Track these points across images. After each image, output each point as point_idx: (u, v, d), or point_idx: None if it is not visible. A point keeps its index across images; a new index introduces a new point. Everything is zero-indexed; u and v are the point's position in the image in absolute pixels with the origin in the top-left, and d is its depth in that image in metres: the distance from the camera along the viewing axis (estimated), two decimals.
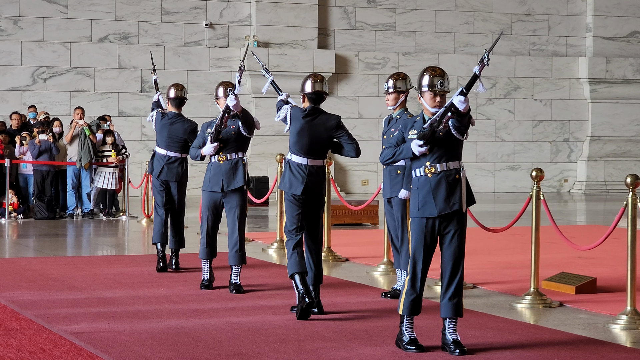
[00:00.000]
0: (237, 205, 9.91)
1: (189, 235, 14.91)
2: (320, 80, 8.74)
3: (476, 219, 10.51)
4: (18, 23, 23.37)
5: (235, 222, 9.89)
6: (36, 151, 18.03)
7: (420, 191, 7.14)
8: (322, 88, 8.74)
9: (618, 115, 27.62)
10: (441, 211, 7.11)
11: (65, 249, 14.32)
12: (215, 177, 9.95)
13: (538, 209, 9.23)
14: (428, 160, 7.13)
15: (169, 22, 24.39)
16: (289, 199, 8.65)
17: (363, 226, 16.90)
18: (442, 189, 7.12)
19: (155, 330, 7.81)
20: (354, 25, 25.80)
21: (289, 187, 8.62)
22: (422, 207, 7.12)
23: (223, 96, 9.99)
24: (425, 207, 7.12)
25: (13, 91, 23.24)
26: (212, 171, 9.96)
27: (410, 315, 7.12)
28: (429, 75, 7.16)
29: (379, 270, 11.28)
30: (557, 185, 27.34)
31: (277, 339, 7.53)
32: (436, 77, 7.15)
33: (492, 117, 26.82)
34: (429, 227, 7.14)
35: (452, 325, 7.11)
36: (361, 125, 25.36)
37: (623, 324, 8.11)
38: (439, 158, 7.12)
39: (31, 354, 6.92)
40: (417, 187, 7.17)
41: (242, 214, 9.94)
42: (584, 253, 12.48)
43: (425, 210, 7.12)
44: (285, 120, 8.73)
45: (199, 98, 24.02)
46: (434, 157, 7.12)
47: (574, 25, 27.43)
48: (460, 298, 7.15)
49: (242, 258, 9.89)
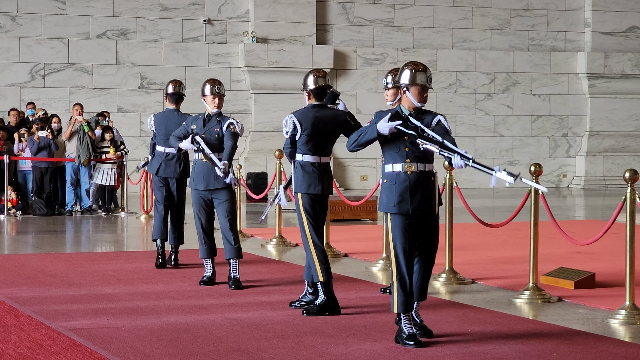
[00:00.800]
0: (224, 200, 9.91)
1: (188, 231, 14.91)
2: (323, 75, 8.71)
3: (475, 214, 10.51)
4: (16, 19, 23.35)
5: (226, 216, 9.89)
6: (35, 147, 18.02)
7: (398, 187, 7.18)
8: (326, 82, 8.73)
9: (617, 110, 27.62)
10: (415, 210, 7.17)
11: (64, 246, 14.32)
12: (199, 176, 9.96)
13: (537, 204, 9.22)
14: (408, 157, 7.15)
15: (167, 18, 24.37)
16: (309, 201, 8.58)
17: (362, 222, 16.90)
18: (420, 189, 7.18)
19: (154, 326, 7.81)
20: (352, 21, 25.79)
21: (307, 187, 8.57)
22: (399, 204, 7.16)
23: (210, 94, 9.95)
24: (402, 204, 7.16)
25: (11, 88, 23.23)
26: (196, 169, 9.99)
27: (405, 312, 7.13)
28: (414, 70, 7.17)
29: (377, 266, 11.28)
30: (555, 180, 27.35)
31: (276, 334, 7.53)
32: (422, 73, 7.17)
33: (490, 113, 26.82)
34: (407, 223, 7.17)
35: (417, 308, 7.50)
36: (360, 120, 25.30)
37: (622, 319, 8.11)
38: (419, 158, 7.17)
39: (30, 350, 6.92)
40: (395, 183, 7.20)
41: (232, 208, 9.91)
42: (583, 248, 12.48)
43: (402, 207, 7.15)
44: (295, 130, 8.52)
45: (198, 94, 23.89)
46: (415, 156, 7.15)
47: (572, 20, 27.42)
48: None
49: (237, 251, 9.86)
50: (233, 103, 24.18)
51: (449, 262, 10.28)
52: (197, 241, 10.21)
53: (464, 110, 26.51)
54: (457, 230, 11.27)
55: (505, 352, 6.97)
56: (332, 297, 8.40)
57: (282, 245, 13.34)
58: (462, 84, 26.51)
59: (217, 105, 9.88)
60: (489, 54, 26.71)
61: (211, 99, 9.92)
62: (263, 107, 24.54)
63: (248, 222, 16.98)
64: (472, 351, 6.98)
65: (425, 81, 7.16)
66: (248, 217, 18.04)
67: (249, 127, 24.49)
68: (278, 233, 13.51)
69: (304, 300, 8.73)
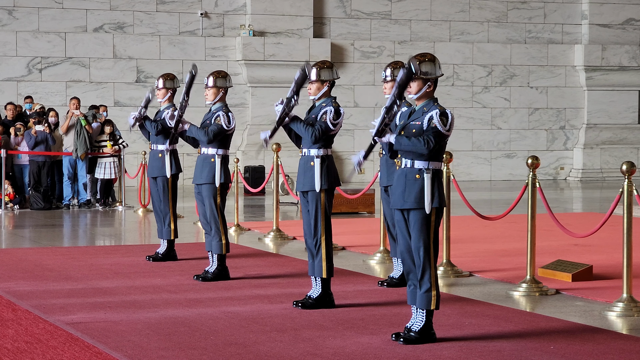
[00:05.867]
0: (205, 197, 9.99)
1: (183, 225, 14.91)
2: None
3: (472, 207, 10.51)
4: (13, 13, 23.32)
5: (206, 213, 9.97)
6: (32, 142, 18.01)
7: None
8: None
9: (614, 103, 27.61)
10: (394, 205, 7.15)
11: (62, 240, 14.31)
12: (194, 169, 10.13)
13: (534, 197, 9.23)
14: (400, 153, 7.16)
15: (164, 12, 24.34)
16: (331, 195, 8.53)
17: (359, 215, 16.90)
18: (400, 184, 7.12)
19: (151, 320, 7.81)
20: (349, 14, 25.76)
21: (334, 180, 8.50)
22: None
23: (212, 86, 10.02)
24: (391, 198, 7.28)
25: (8, 82, 23.20)
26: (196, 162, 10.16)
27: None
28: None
29: (375, 259, 11.29)
30: (553, 172, 27.35)
31: (273, 328, 7.53)
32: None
33: (488, 105, 26.81)
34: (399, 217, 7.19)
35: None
36: (357, 114, 25.35)
37: (619, 311, 8.12)
38: (404, 153, 7.12)
39: (28, 345, 6.92)
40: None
41: (211, 206, 9.94)
42: (580, 240, 12.48)
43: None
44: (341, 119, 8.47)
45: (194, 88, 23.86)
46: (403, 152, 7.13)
47: (569, 12, 27.40)
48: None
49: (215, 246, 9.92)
50: (230, 96, 24.14)
51: (447, 255, 10.28)
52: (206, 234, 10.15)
53: (461, 103, 26.49)
54: (455, 223, 11.29)
55: (502, 344, 6.97)
56: (328, 292, 8.40)
57: (280, 238, 13.34)
58: (460, 77, 26.50)
59: (206, 98, 9.99)
60: (486, 46, 26.69)
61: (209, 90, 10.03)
62: (260, 101, 24.52)
63: (246, 216, 16.98)
64: (469, 344, 6.98)
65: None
66: (245, 210, 18.04)
67: (246, 121, 24.48)
68: (275, 226, 13.51)
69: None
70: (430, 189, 6.99)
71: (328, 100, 8.47)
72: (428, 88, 7.08)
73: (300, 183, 8.52)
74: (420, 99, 7.10)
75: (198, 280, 9.83)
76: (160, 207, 11.28)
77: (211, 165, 9.90)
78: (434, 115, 6.99)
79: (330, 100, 8.45)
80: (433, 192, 7.00)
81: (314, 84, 8.48)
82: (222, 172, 9.90)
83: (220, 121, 9.82)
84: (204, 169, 9.93)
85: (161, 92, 11.30)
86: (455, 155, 24.74)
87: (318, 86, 8.47)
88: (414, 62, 6.93)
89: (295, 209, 18.19)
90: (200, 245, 12.28)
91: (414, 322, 7.07)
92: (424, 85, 7.06)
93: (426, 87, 7.07)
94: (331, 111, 8.36)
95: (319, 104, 8.48)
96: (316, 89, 8.48)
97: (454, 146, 25.39)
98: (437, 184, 7.04)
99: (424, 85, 7.07)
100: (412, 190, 7.03)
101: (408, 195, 7.04)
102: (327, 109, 8.37)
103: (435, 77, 7.08)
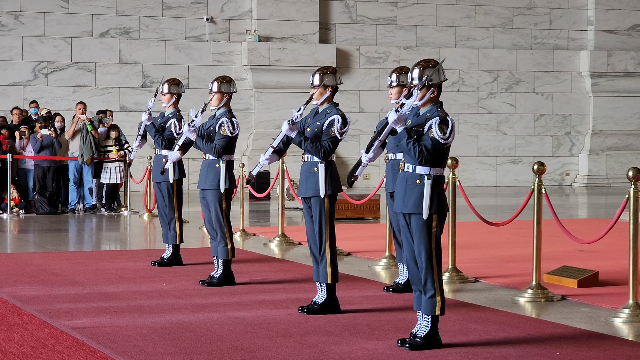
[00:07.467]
0: (210, 202, 9.98)
1: (188, 230, 14.91)
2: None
3: (478, 213, 10.50)
4: (19, 18, 23.35)
5: (211, 218, 9.96)
6: (38, 146, 18.03)
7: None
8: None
9: (619, 109, 27.60)
10: (396, 208, 7.16)
11: (67, 244, 14.32)
12: (199, 174, 10.14)
13: (540, 203, 9.22)
14: (403, 156, 7.15)
15: (170, 17, 24.37)
16: (334, 200, 8.55)
17: (365, 220, 16.90)
18: (400, 188, 7.12)
19: (157, 325, 7.81)
20: (355, 19, 25.78)
21: (338, 186, 8.51)
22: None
23: (217, 91, 9.97)
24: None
25: (14, 86, 23.23)
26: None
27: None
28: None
29: (380, 265, 11.28)
30: (558, 178, 27.33)
31: (279, 333, 7.53)
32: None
33: (493, 111, 26.80)
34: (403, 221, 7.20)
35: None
36: (362, 119, 25.34)
37: (625, 318, 8.10)
38: (405, 155, 7.11)
39: (33, 349, 6.92)
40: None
41: (217, 211, 9.94)
42: (586, 246, 12.47)
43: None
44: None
45: (200, 93, 23.99)
46: (405, 155, 7.11)
47: (575, 18, 27.39)
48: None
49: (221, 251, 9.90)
50: (236, 102, 24.14)
51: (452, 261, 10.27)
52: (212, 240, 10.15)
53: (466, 108, 26.49)
54: (460, 229, 11.27)
55: (508, 351, 6.96)
56: (334, 298, 8.40)
57: (285, 243, 13.34)
58: (465, 83, 26.49)
59: (211, 103, 9.97)
60: (491, 52, 26.69)
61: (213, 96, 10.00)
62: (266, 106, 24.53)
63: (251, 221, 16.98)
64: (475, 350, 6.97)
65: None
66: (251, 215, 18.04)
67: (251, 126, 24.50)
68: (281, 231, 13.51)
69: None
70: (429, 195, 6.95)
71: (332, 107, 8.46)
72: (432, 94, 7.06)
73: (302, 188, 8.51)
74: (425, 105, 7.09)
75: (203, 286, 9.83)
76: (165, 211, 11.29)
77: (216, 171, 9.90)
78: (433, 124, 6.94)
79: (334, 107, 8.45)
80: (432, 198, 6.97)
81: (316, 89, 8.48)
82: (227, 177, 9.90)
83: (225, 131, 9.80)
84: (208, 175, 9.94)
85: (166, 97, 11.28)
86: (460, 160, 24.68)
87: (321, 91, 8.46)
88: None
89: (300, 214, 18.19)
90: (205, 250, 12.28)
91: (420, 328, 7.06)
92: (427, 92, 7.06)
93: (430, 93, 7.06)
94: (339, 120, 8.34)
95: (323, 109, 8.46)
96: (319, 94, 8.47)
97: (459, 152, 25.39)
98: (438, 190, 7.00)
99: (428, 91, 7.06)
100: (412, 195, 7.02)
101: (408, 200, 7.05)
102: (335, 117, 8.34)
103: (438, 82, 7.07)
